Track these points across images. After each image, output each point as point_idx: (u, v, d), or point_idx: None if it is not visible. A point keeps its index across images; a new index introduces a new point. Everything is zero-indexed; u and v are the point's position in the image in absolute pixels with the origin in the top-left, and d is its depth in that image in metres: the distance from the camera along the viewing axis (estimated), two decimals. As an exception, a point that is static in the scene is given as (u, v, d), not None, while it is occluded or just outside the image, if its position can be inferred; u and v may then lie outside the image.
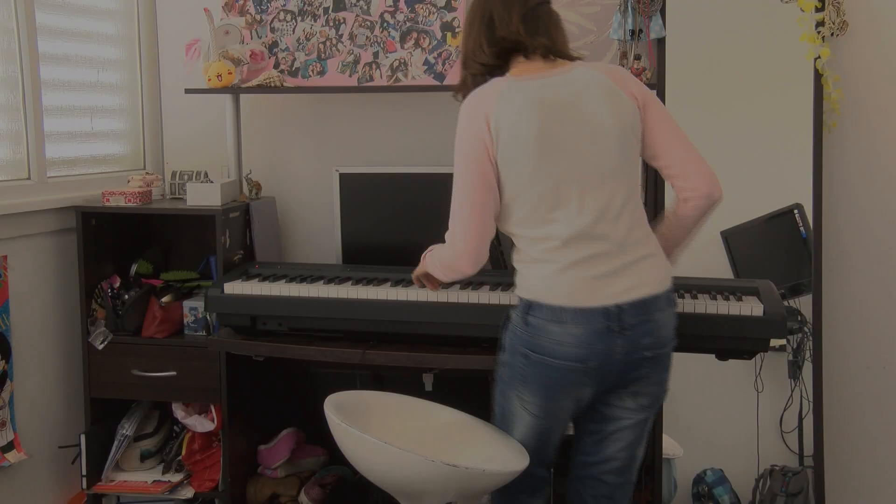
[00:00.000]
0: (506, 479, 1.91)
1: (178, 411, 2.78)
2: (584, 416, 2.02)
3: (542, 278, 1.90)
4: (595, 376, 1.89)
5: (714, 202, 1.97)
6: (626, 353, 1.87)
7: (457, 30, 2.80)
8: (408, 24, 2.84)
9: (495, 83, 1.92)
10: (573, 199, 1.86)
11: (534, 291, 1.91)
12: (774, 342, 2.50)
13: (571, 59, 1.98)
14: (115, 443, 2.78)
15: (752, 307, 2.18)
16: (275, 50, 2.94)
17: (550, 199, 1.87)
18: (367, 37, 2.87)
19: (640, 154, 1.97)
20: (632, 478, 2.06)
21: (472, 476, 1.83)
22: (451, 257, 1.98)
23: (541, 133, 1.85)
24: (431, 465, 1.79)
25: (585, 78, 1.91)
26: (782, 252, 2.68)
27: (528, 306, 1.91)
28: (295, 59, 2.92)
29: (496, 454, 1.96)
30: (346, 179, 2.85)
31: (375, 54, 2.86)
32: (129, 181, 2.84)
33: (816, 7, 2.55)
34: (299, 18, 2.92)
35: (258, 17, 2.95)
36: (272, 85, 2.81)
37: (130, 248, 2.94)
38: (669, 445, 2.66)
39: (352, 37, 2.88)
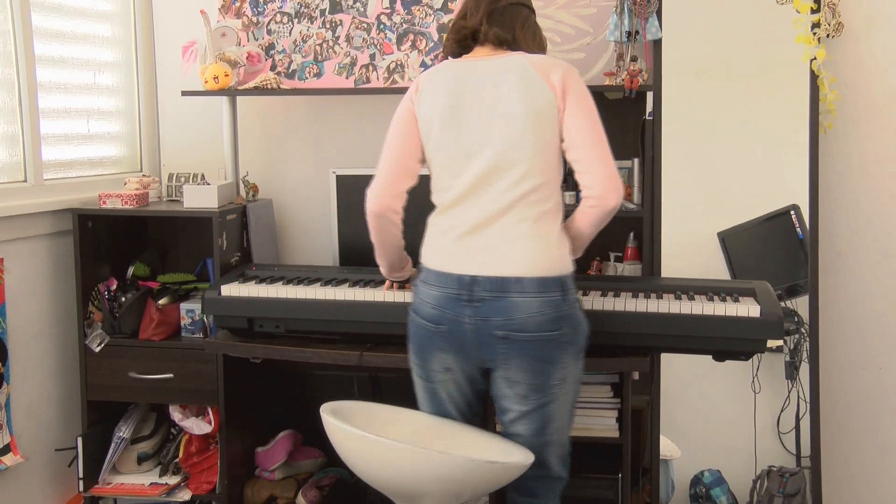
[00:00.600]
0: (520, 472, 1.94)
1: (176, 413, 2.78)
2: (494, 406, 2.10)
3: (425, 242, 2.07)
4: (450, 341, 1.98)
5: (607, 208, 1.97)
6: (476, 326, 1.94)
7: (453, 31, 2.80)
8: (404, 25, 2.84)
9: (440, 63, 2.11)
10: (467, 170, 1.98)
11: (422, 255, 2.07)
12: (771, 343, 2.51)
13: (528, 52, 2.05)
14: (112, 445, 2.78)
15: (748, 308, 2.18)
16: (271, 52, 2.94)
17: (451, 168, 2.01)
18: (363, 39, 2.87)
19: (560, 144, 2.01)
20: (551, 472, 2.07)
21: (495, 470, 1.86)
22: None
23: (449, 105, 2.00)
24: (454, 462, 1.80)
25: (508, 63, 2.00)
26: (779, 253, 2.69)
27: (420, 269, 2.07)
28: (291, 61, 2.92)
29: (500, 451, 1.97)
30: (342, 181, 2.85)
31: (372, 56, 2.86)
32: (125, 183, 2.83)
33: (812, 9, 2.55)
34: (296, 20, 2.92)
35: (255, 19, 2.95)
36: (269, 87, 2.81)
37: (127, 251, 2.94)
38: (667, 446, 2.66)
39: (348, 39, 2.89)
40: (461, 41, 2.09)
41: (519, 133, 1.95)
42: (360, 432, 1.85)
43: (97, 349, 2.71)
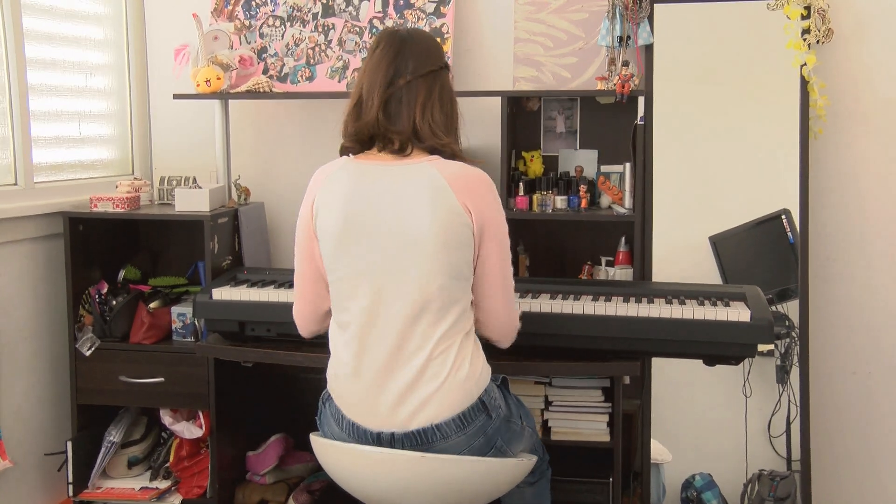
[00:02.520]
0: (529, 469, 1.96)
1: (166, 418, 2.77)
2: None
3: (334, 372, 1.90)
4: None
5: (500, 347, 1.96)
6: None
7: (446, 36, 2.81)
8: (397, 29, 2.84)
9: (335, 162, 1.91)
10: (366, 294, 1.82)
11: (329, 380, 1.92)
12: (762, 347, 2.51)
13: (436, 148, 1.85)
14: (103, 450, 2.76)
15: (738, 313, 2.19)
16: (264, 55, 2.94)
17: (347, 288, 1.85)
18: (356, 42, 2.88)
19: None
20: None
21: (518, 467, 1.89)
22: None
23: (344, 219, 1.82)
24: (485, 464, 1.81)
25: (419, 174, 1.80)
26: (770, 257, 2.69)
27: (326, 395, 1.95)
28: (284, 65, 2.92)
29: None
30: (334, 185, 2.85)
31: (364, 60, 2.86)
32: (117, 186, 2.83)
33: (802, 15, 2.56)
34: (288, 24, 2.92)
35: (247, 22, 2.95)
36: (261, 90, 2.81)
37: (118, 254, 2.93)
38: (658, 450, 2.67)
39: (341, 42, 2.89)
40: (362, 142, 1.88)
41: (430, 257, 1.77)
42: (351, 445, 1.83)
43: (87, 353, 2.70)
